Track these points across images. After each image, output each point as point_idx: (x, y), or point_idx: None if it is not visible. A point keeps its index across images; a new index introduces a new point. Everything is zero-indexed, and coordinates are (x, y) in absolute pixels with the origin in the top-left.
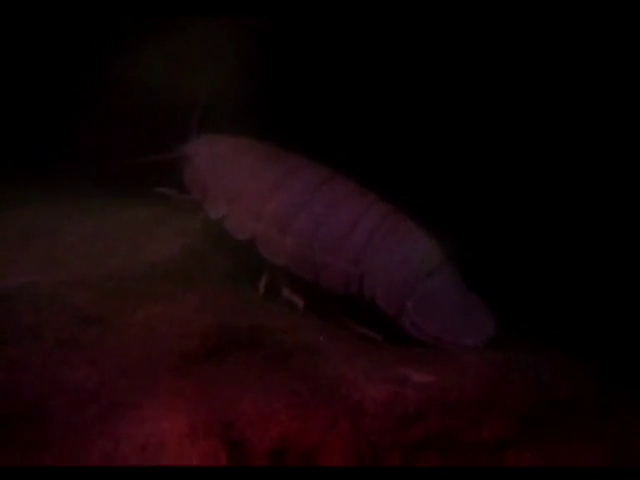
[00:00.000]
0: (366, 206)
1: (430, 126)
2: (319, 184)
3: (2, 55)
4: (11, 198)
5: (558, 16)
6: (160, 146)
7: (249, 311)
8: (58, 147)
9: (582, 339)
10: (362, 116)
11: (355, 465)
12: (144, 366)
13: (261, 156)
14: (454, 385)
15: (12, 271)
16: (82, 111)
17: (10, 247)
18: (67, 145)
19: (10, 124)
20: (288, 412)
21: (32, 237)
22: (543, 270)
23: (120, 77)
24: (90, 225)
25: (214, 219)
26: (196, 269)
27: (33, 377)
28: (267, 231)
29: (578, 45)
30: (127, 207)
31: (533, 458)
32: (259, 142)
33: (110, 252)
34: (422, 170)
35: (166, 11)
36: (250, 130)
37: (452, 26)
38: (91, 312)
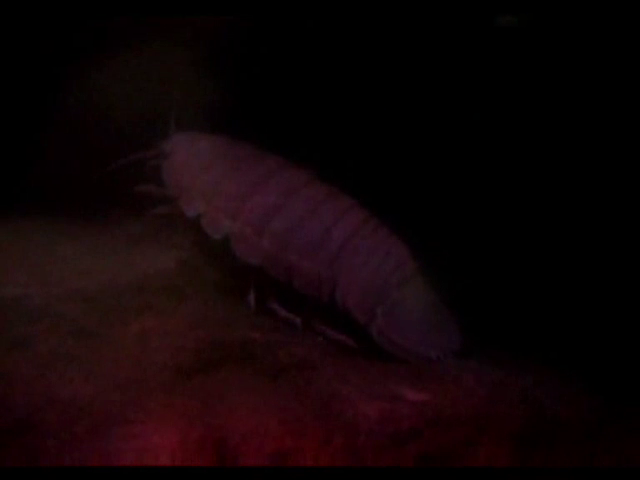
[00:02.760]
0: (343, 211)
1: (413, 130)
2: (297, 187)
3: None
4: (6, 212)
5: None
6: (140, 146)
7: (243, 325)
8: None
9: (576, 358)
10: (347, 119)
11: None
12: (137, 380)
13: (240, 155)
14: (449, 404)
15: (5, 283)
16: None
17: (4, 260)
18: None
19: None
20: (281, 428)
21: (27, 250)
22: (537, 288)
23: (98, 82)
24: (84, 239)
25: (190, 217)
26: (190, 283)
27: (24, 390)
28: (243, 231)
29: (575, 45)
30: (121, 221)
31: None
32: (238, 141)
33: (104, 265)
34: (404, 176)
35: (146, 11)
36: (230, 130)
37: (440, 26)
38: (84, 325)
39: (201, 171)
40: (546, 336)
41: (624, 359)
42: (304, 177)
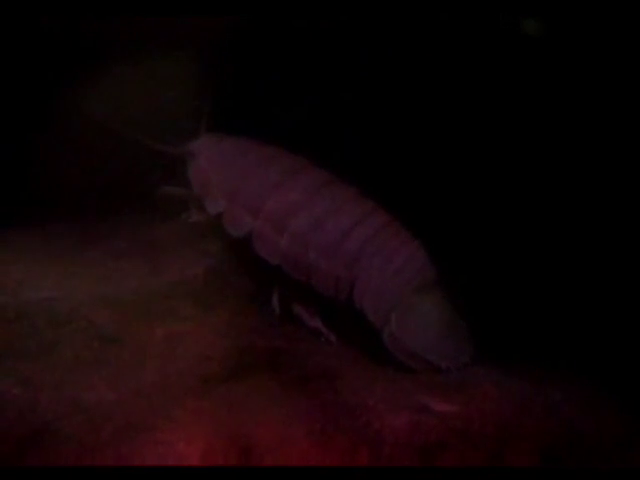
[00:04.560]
0: (364, 213)
1: (431, 139)
2: (319, 187)
3: None
4: (31, 217)
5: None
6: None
7: (269, 333)
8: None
9: (603, 371)
10: (363, 120)
11: None
12: (162, 387)
13: (263, 155)
14: (475, 416)
15: (32, 287)
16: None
17: (31, 263)
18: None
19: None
20: (307, 439)
21: (52, 255)
22: (563, 300)
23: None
24: (110, 243)
25: (212, 214)
26: (218, 290)
27: (49, 395)
28: (263, 229)
29: (576, 44)
30: (148, 225)
31: None
32: (262, 142)
33: (131, 270)
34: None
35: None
36: (253, 131)
37: (441, 24)
38: (110, 331)
39: (225, 169)
40: (572, 349)
41: None
42: (327, 177)
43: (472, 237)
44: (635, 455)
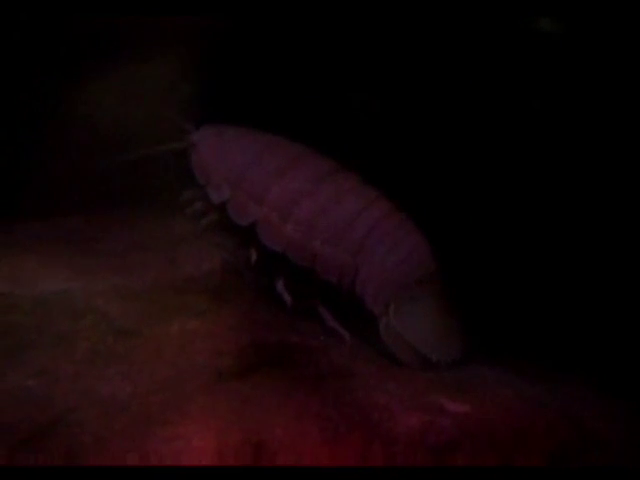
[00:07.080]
0: (369, 201)
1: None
2: (324, 175)
3: None
4: (46, 208)
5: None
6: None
7: (284, 329)
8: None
9: (617, 374)
10: (365, 112)
11: None
12: (176, 381)
13: (267, 143)
14: (488, 418)
15: (49, 277)
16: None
17: (49, 254)
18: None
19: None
20: (320, 436)
21: (71, 245)
22: (575, 303)
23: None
24: (128, 236)
25: (216, 202)
26: (233, 285)
27: (64, 387)
28: (268, 216)
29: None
30: (164, 219)
31: None
32: (263, 131)
33: (148, 264)
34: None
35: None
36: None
37: (441, 23)
38: (126, 324)
39: (228, 158)
40: (586, 351)
41: None
42: (332, 165)
43: (479, 232)
44: None
